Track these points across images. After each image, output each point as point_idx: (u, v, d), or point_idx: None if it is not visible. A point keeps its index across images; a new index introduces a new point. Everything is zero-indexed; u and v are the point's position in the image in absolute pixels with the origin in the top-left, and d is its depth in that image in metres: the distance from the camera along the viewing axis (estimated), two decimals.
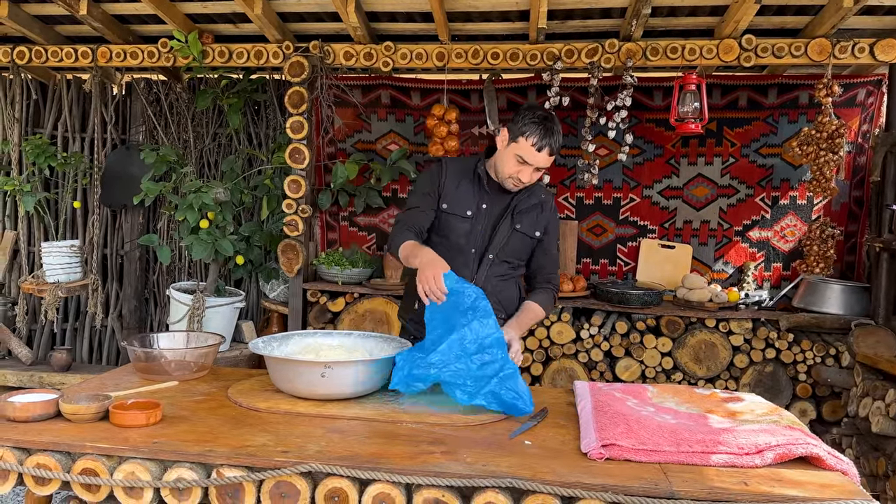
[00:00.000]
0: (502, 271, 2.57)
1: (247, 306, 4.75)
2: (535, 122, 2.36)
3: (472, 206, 2.53)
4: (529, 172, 2.43)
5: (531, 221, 2.56)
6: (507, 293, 2.61)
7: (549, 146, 2.37)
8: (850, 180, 4.24)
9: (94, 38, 4.38)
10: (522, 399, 2.00)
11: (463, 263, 2.51)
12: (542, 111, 2.43)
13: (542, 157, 2.38)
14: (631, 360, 3.98)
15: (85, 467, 1.70)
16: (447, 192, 2.54)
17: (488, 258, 2.53)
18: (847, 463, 1.69)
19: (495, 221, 2.54)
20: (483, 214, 2.53)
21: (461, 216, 2.52)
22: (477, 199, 2.54)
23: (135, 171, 4.56)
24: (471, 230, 2.53)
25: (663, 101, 4.34)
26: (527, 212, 2.55)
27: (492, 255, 2.54)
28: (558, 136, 2.40)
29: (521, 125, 2.38)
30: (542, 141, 2.35)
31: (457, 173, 2.56)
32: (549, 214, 2.62)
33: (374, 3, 3.81)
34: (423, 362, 2.02)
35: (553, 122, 2.40)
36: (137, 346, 2.39)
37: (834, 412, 3.84)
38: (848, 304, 3.86)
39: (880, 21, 3.73)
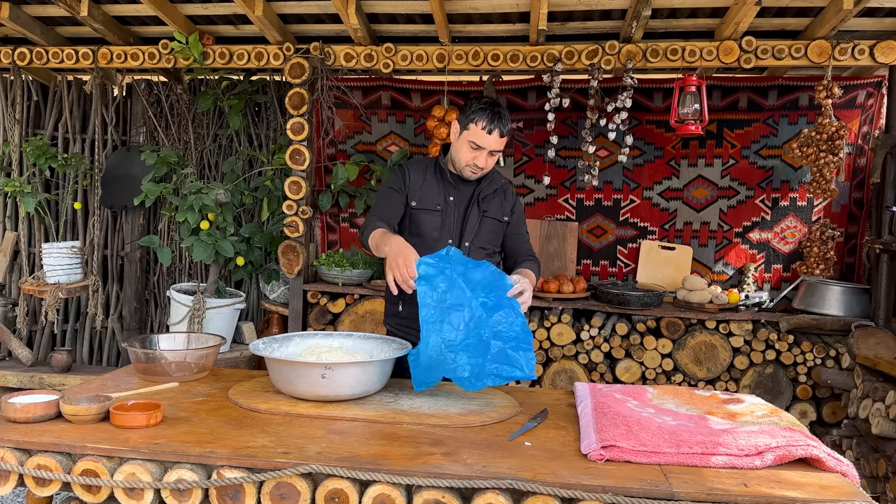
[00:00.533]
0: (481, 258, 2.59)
1: (247, 307, 4.75)
2: (482, 109, 2.47)
3: (440, 200, 2.61)
4: (484, 156, 2.52)
5: (497, 206, 2.65)
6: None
7: (498, 128, 2.47)
8: (850, 182, 4.24)
9: (94, 39, 4.39)
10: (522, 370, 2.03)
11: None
12: (488, 98, 2.54)
13: (493, 139, 2.48)
14: (631, 362, 3.98)
15: (85, 468, 1.70)
16: (413, 189, 2.62)
17: (465, 247, 2.60)
18: (847, 464, 1.69)
19: (464, 211, 2.61)
20: (452, 206, 2.61)
21: (431, 210, 2.60)
22: (443, 192, 2.62)
23: (135, 172, 4.56)
24: (443, 222, 2.60)
25: (663, 102, 4.34)
26: (491, 197, 2.64)
27: (468, 244, 2.60)
28: (506, 119, 2.50)
29: (470, 113, 2.49)
30: (491, 124, 2.46)
31: (419, 171, 2.65)
32: (511, 199, 2.71)
33: (375, 4, 3.81)
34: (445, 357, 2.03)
35: (499, 107, 2.50)
36: (138, 348, 2.39)
37: (834, 414, 3.84)
38: (848, 305, 3.86)
39: (880, 23, 3.73)
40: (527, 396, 2.29)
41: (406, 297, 2.52)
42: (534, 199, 4.55)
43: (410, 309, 2.41)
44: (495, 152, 2.53)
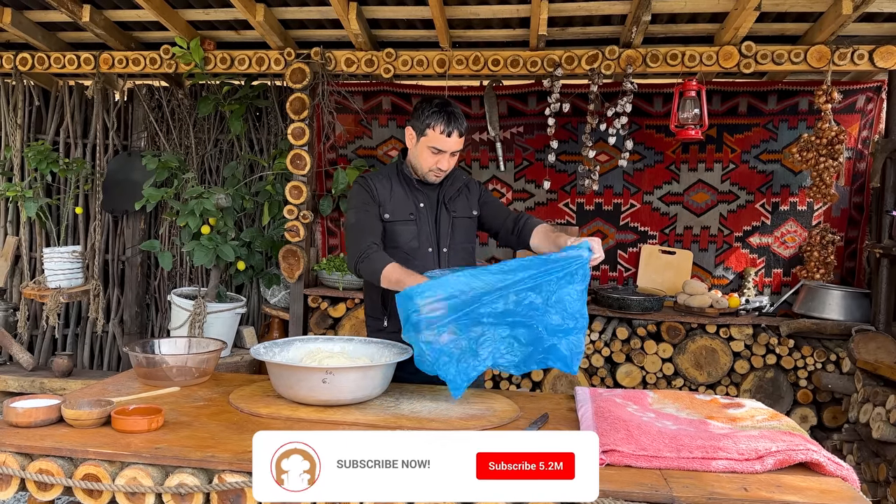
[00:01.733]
0: (461, 260, 2.60)
1: (248, 312, 4.76)
2: (436, 112, 2.44)
3: (411, 209, 2.57)
4: (447, 159, 2.50)
5: (463, 204, 2.64)
6: None
7: (457, 129, 2.45)
8: (850, 186, 4.25)
9: (96, 44, 4.40)
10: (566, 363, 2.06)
11: (424, 266, 2.48)
12: (439, 99, 2.50)
13: (453, 141, 2.46)
14: (631, 366, 3.98)
15: (87, 473, 1.70)
16: (383, 201, 2.54)
17: (443, 252, 2.58)
18: (847, 469, 1.70)
19: (435, 216, 2.59)
20: (423, 212, 2.58)
21: (405, 220, 2.55)
22: (413, 200, 2.58)
23: (136, 176, 4.57)
24: (419, 231, 2.56)
25: (663, 107, 4.35)
26: (455, 197, 2.62)
27: (446, 249, 2.59)
28: (462, 118, 2.48)
29: (425, 118, 2.46)
30: (449, 126, 2.44)
31: (384, 182, 2.57)
32: (476, 190, 2.71)
33: (376, 10, 3.83)
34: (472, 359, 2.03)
35: (452, 106, 2.48)
36: (139, 352, 2.39)
37: (835, 418, 3.84)
38: (848, 309, 3.86)
39: (879, 28, 3.74)
40: (527, 401, 2.29)
41: (391, 312, 2.47)
42: (534, 203, 4.56)
43: (396, 324, 2.29)
44: (456, 153, 2.52)
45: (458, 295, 2.00)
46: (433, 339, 2.00)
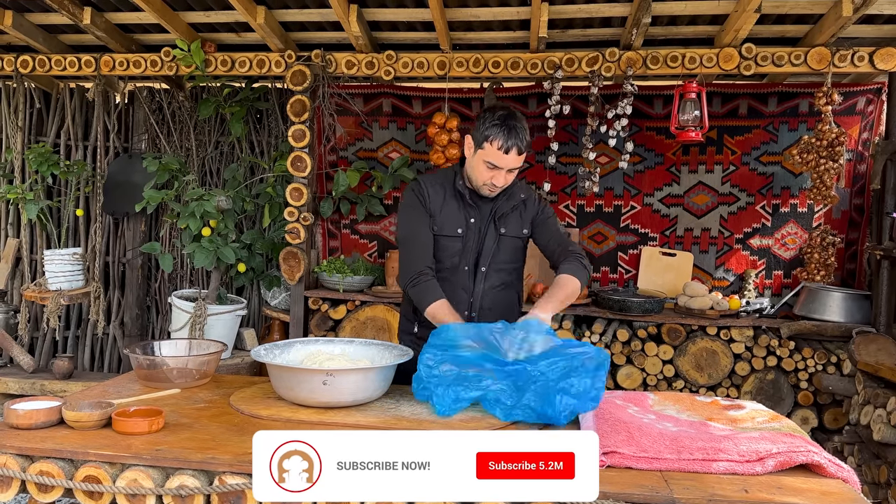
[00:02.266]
0: (498, 281, 2.52)
1: (248, 314, 4.76)
2: (496, 125, 2.30)
3: (461, 224, 2.46)
4: (503, 176, 2.36)
5: (515, 223, 2.51)
6: (505, 304, 2.56)
7: (515, 146, 2.31)
8: (850, 188, 4.25)
9: (97, 47, 4.41)
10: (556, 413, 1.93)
11: (459, 283, 2.47)
12: (503, 110, 2.35)
13: (510, 158, 2.32)
14: (632, 368, 3.98)
15: (88, 474, 1.70)
16: (434, 211, 2.46)
17: (481, 272, 2.48)
18: (848, 471, 1.70)
19: (483, 233, 2.48)
20: (472, 229, 2.47)
21: (453, 236, 2.46)
22: (464, 214, 2.47)
23: (137, 179, 4.58)
24: (463, 248, 2.47)
25: (664, 109, 4.35)
26: (508, 214, 2.49)
27: (484, 268, 2.48)
28: (524, 133, 2.33)
29: (484, 130, 2.32)
30: (507, 142, 2.30)
31: (438, 190, 2.48)
32: (533, 208, 2.54)
33: (376, 12, 3.83)
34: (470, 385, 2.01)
35: (516, 120, 2.33)
36: (140, 354, 2.39)
37: (835, 420, 3.84)
38: (849, 311, 3.86)
39: (879, 30, 3.75)
40: None
41: (422, 319, 2.45)
42: None
43: (427, 331, 2.33)
44: (514, 169, 2.37)
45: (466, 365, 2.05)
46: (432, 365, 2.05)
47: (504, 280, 2.54)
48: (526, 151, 2.36)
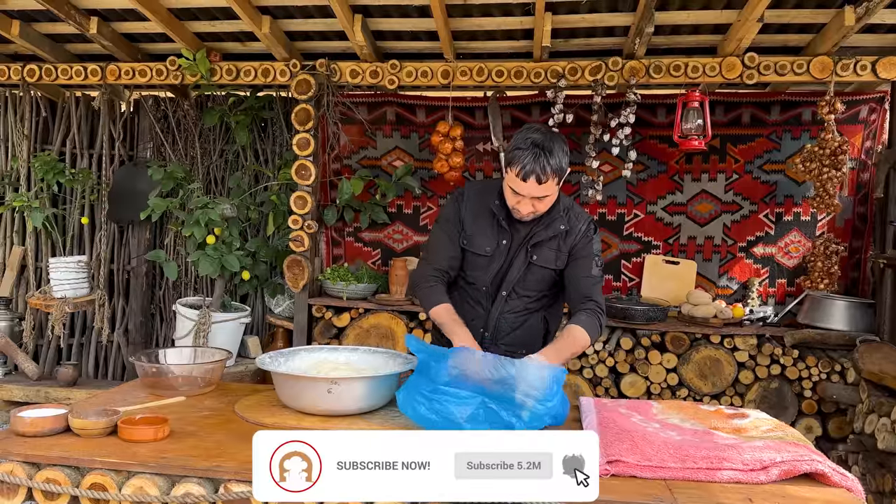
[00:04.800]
0: (520, 306, 2.41)
1: (252, 321, 4.76)
2: (521, 148, 2.14)
3: (491, 243, 2.35)
4: (528, 203, 2.20)
5: (550, 253, 2.34)
6: (526, 329, 2.44)
7: (535, 174, 2.11)
8: (853, 196, 4.25)
9: (103, 56, 4.43)
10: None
11: (478, 299, 2.41)
12: (537, 132, 2.17)
13: (529, 186, 2.14)
14: (636, 376, 3.98)
15: (94, 482, 1.71)
16: (466, 226, 2.36)
17: (501, 295, 2.38)
18: (852, 480, 1.70)
19: (511, 257, 2.35)
20: (502, 250, 2.35)
21: (480, 254, 2.36)
22: (497, 234, 2.34)
23: (142, 187, 4.60)
24: (487, 266, 2.36)
25: (666, 117, 4.36)
26: (545, 243, 2.33)
27: (505, 293, 2.37)
28: (550, 159, 2.12)
29: (510, 151, 2.17)
30: (525, 168, 2.12)
31: (476, 205, 2.37)
32: (575, 240, 2.34)
33: (380, 21, 3.85)
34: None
35: (545, 144, 2.13)
36: (145, 362, 2.40)
37: (840, 429, 3.83)
38: (853, 320, 3.86)
39: (882, 39, 3.76)
40: None
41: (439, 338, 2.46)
42: None
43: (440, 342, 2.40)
44: (542, 197, 2.18)
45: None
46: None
47: (528, 306, 2.42)
48: (553, 179, 2.15)
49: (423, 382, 1.95)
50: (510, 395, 1.93)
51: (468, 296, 2.41)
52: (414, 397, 1.92)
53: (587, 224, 2.38)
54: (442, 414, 1.86)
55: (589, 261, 2.34)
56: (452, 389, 1.90)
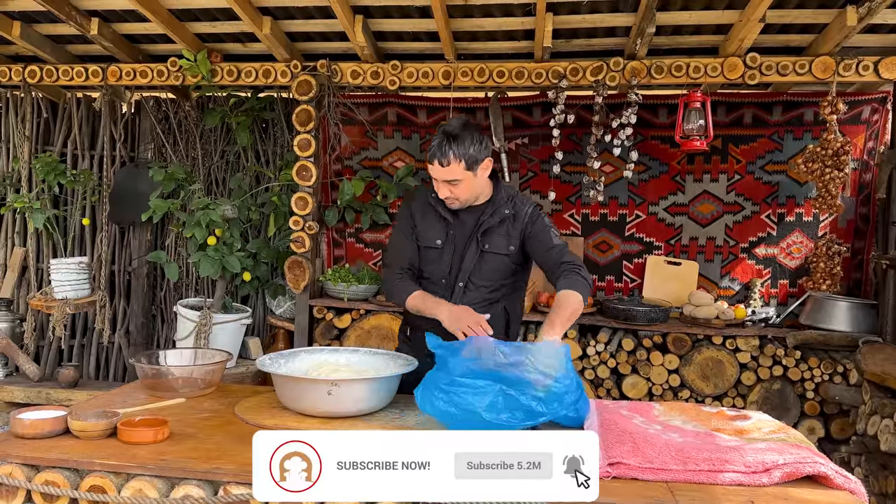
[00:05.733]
0: (478, 297, 2.45)
1: (253, 323, 4.76)
2: (435, 136, 2.35)
3: (440, 235, 2.47)
4: (444, 188, 2.37)
5: (501, 239, 2.45)
6: (490, 320, 2.39)
7: (437, 157, 2.31)
8: (855, 197, 4.24)
9: (104, 57, 4.43)
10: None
11: (438, 294, 2.46)
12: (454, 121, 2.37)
13: (436, 169, 2.34)
14: (637, 378, 3.97)
15: (93, 484, 1.71)
16: (416, 223, 2.52)
17: (459, 286, 2.45)
18: (855, 482, 1.69)
19: (463, 246, 2.46)
20: (451, 241, 2.47)
21: (432, 247, 2.49)
22: (444, 226, 2.48)
23: (143, 188, 4.59)
24: (440, 259, 2.47)
25: (668, 118, 4.36)
26: (494, 230, 2.44)
27: (462, 283, 2.45)
28: (454, 144, 2.29)
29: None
30: (431, 151, 2.33)
31: (422, 203, 2.53)
32: (523, 222, 2.47)
33: (381, 22, 3.85)
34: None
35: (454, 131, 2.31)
36: (145, 363, 2.40)
37: (842, 430, 3.82)
38: (855, 321, 3.85)
39: (884, 39, 3.75)
40: None
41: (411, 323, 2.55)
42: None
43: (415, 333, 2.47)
44: (455, 181, 2.35)
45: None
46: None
47: (486, 297, 2.47)
48: (458, 164, 2.31)
49: (441, 377, 1.96)
50: (527, 378, 1.93)
51: (429, 292, 2.47)
52: (432, 392, 1.92)
53: (532, 207, 2.52)
54: (461, 406, 1.87)
55: (547, 233, 2.46)
56: (469, 380, 1.91)
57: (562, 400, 1.92)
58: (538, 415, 1.89)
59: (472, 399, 1.87)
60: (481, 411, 1.85)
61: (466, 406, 1.86)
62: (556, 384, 1.93)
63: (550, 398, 1.91)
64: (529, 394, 1.89)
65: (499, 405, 1.87)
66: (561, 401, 1.92)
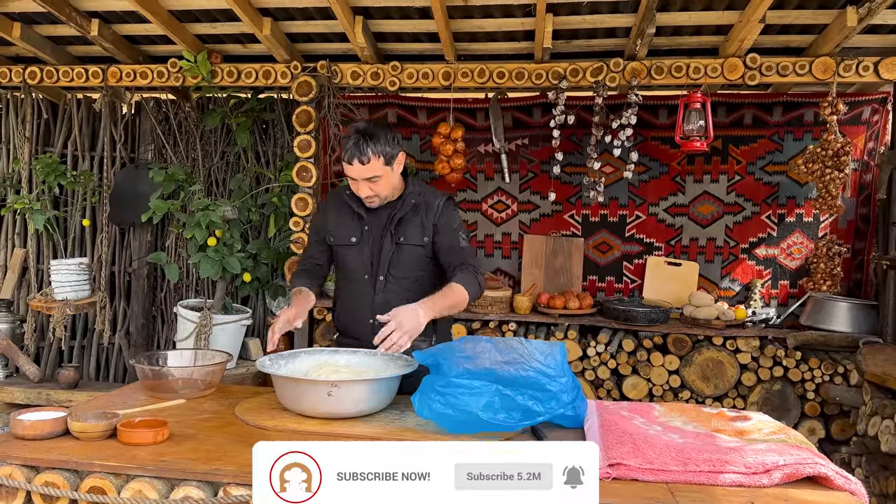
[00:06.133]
0: (399, 290, 2.49)
1: (253, 323, 4.76)
2: (347, 139, 2.40)
3: (355, 233, 2.53)
4: (364, 187, 2.41)
5: (415, 229, 2.49)
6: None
7: (356, 156, 2.35)
8: (856, 198, 4.24)
9: (104, 58, 4.43)
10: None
11: (361, 292, 2.54)
12: (363, 123, 2.44)
13: (355, 168, 2.37)
14: (638, 378, 3.96)
15: (93, 485, 1.70)
16: (329, 225, 2.59)
17: (380, 280, 2.50)
18: (855, 483, 1.68)
19: (380, 240, 2.51)
20: (367, 237, 2.52)
21: (347, 245, 2.55)
22: (357, 223, 2.53)
23: (143, 189, 4.59)
24: (358, 255, 2.53)
25: (668, 119, 4.36)
26: (407, 221, 2.49)
27: (382, 277, 2.50)
28: (370, 141, 2.35)
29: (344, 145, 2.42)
30: (348, 152, 2.37)
31: (336, 204, 2.60)
32: (434, 214, 2.51)
33: (381, 23, 3.85)
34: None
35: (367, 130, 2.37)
36: (145, 364, 2.40)
37: (843, 431, 3.82)
38: (856, 321, 3.85)
39: (884, 39, 3.75)
40: None
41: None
42: (539, 215, 4.56)
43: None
44: (375, 178, 2.39)
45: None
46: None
47: (408, 288, 2.50)
48: (378, 160, 2.36)
49: (436, 379, 1.96)
50: (522, 377, 1.94)
51: (355, 288, 2.55)
52: (428, 395, 1.93)
53: (445, 199, 2.55)
54: (457, 407, 1.88)
55: (455, 234, 2.51)
56: (465, 381, 1.91)
57: (559, 399, 1.93)
58: (536, 414, 1.90)
59: (468, 400, 1.87)
60: (478, 412, 1.86)
61: (463, 407, 1.87)
62: (553, 383, 1.93)
63: (548, 398, 1.91)
64: (526, 393, 1.90)
65: (495, 405, 1.88)
66: (558, 399, 1.93)
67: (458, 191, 4.61)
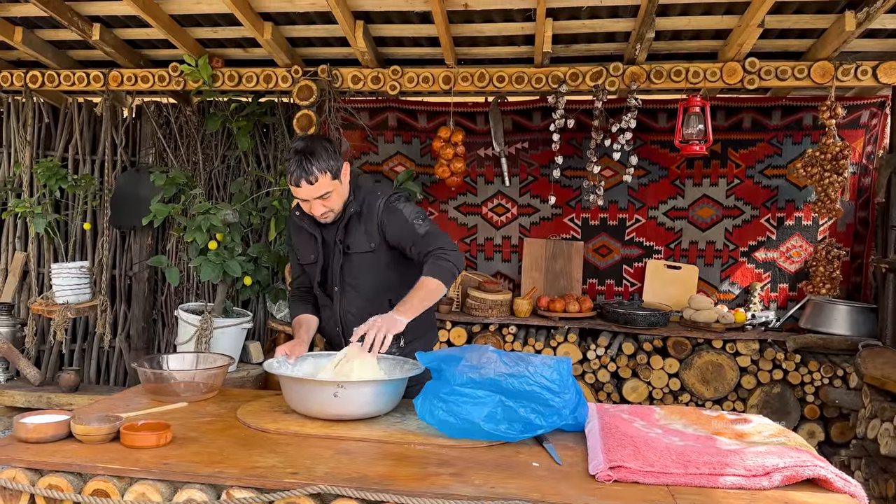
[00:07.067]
0: (358, 298, 2.51)
1: (254, 327, 4.76)
2: (288, 160, 2.32)
3: (314, 250, 2.53)
4: (317, 205, 2.37)
5: (360, 236, 2.46)
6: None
7: (303, 178, 2.28)
8: (855, 201, 4.25)
9: (105, 62, 4.45)
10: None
11: (329, 304, 2.59)
12: (299, 141, 2.35)
13: (304, 190, 2.31)
14: (638, 381, 3.97)
15: (96, 488, 1.71)
16: (295, 247, 2.61)
17: (336, 292, 2.53)
18: (855, 485, 1.69)
19: (332, 254, 2.51)
20: (321, 253, 2.53)
21: (311, 263, 2.56)
22: (314, 241, 2.53)
23: (144, 193, 4.60)
24: (320, 272, 2.54)
25: (667, 122, 4.37)
26: (352, 229, 2.47)
27: (338, 288, 2.52)
28: (313, 160, 2.27)
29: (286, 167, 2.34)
30: (294, 175, 2.29)
31: (293, 227, 2.61)
32: (377, 217, 2.44)
33: (382, 28, 3.87)
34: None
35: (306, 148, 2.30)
36: (148, 368, 2.40)
37: (842, 434, 3.82)
38: (855, 324, 3.86)
39: (883, 44, 3.77)
40: None
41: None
42: (539, 218, 4.57)
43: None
44: (327, 194, 2.34)
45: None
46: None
47: (369, 296, 2.50)
48: (325, 176, 2.30)
49: (440, 386, 1.97)
50: (526, 390, 1.94)
51: (324, 301, 2.61)
52: (431, 401, 1.94)
53: (385, 198, 2.46)
54: (459, 416, 1.89)
55: (409, 227, 2.42)
56: (468, 390, 1.92)
57: (561, 414, 1.94)
58: (537, 427, 1.91)
59: (471, 409, 1.89)
60: (480, 422, 1.88)
61: (465, 416, 1.89)
62: (556, 399, 1.94)
63: (550, 412, 1.92)
64: (529, 406, 1.91)
65: (497, 416, 1.89)
66: (560, 414, 1.94)
67: (458, 194, 4.62)
